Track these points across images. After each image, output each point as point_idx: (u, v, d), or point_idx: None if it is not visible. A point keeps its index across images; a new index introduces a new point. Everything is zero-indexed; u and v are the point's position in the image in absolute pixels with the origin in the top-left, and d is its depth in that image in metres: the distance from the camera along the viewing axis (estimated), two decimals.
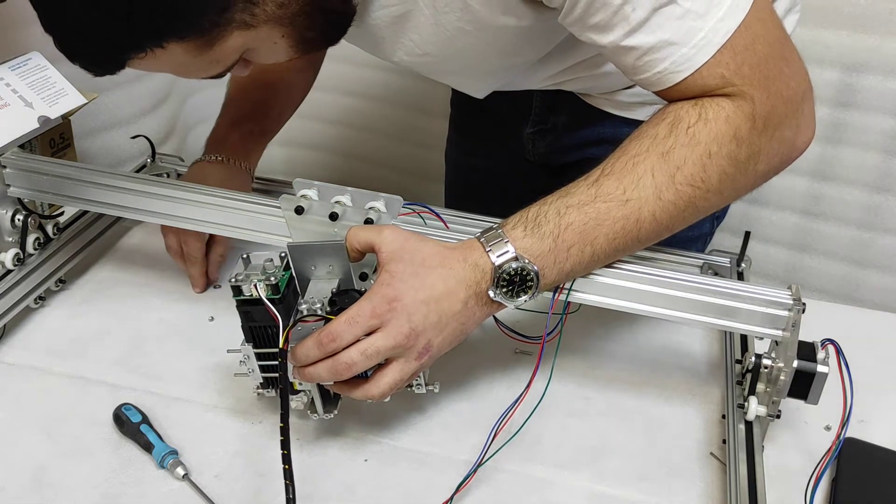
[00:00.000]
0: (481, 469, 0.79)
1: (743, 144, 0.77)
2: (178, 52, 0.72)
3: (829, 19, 1.41)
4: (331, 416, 0.82)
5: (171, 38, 0.71)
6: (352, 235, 0.78)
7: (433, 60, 0.91)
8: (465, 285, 0.76)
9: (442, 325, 0.76)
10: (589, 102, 1.11)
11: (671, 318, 0.82)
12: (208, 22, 0.71)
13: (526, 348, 0.95)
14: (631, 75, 0.80)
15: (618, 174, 0.77)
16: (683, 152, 0.76)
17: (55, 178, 0.96)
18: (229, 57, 0.76)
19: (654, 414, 0.88)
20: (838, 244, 1.60)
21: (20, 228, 0.97)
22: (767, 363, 0.80)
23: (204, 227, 0.93)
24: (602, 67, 1.02)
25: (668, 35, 0.74)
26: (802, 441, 0.85)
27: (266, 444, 0.83)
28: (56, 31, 0.72)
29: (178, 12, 0.69)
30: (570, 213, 0.77)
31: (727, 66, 0.75)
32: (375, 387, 0.76)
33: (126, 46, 0.71)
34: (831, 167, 1.51)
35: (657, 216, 0.77)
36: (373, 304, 0.74)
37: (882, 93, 1.44)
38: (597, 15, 0.75)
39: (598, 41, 0.78)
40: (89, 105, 1.08)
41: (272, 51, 0.79)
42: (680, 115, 0.78)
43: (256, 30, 0.74)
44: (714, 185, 0.77)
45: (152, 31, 0.70)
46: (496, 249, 0.76)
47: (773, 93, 0.77)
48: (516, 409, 0.80)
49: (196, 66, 0.76)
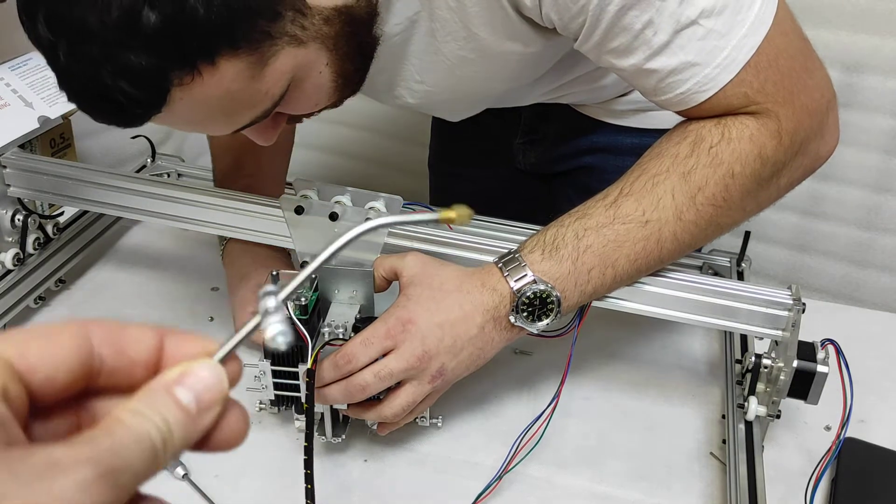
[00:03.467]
0: (481, 469, 0.80)
1: (768, 163, 0.75)
2: (230, 72, 0.63)
3: (829, 19, 1.41)
4: (339, 440, 0.81)
5: (224, 48, 0.61)
6: (378, 263, 0.79)
7: (432, 91, 0.89)
8: (482, 310, 0.75)
9: (457, 348, 0.75)
10: (582, 112, 1.10)
11: (671, 317, 0.81)
12: (261, 30, 0.63)
13: (525, 348, 0.95)
14: (651, 96, 0.78)
15: (637, 194, 0.76)
16: (706, 172, 0.75)
17: (55, 178, 0.95)
18: (278, 84, 0.68)
19: (653, 414, 0.88)
20: (838, 244, 1.60)
21: (20, 228, 0.97)
22: (767, 363, 0.80)
23: (204, 227, 0.93)
24: (600, 81, 1.00)
25: (691, 56, 0.72)
26: (802, 441, 0.85)
27: (266, 444, 0.83)
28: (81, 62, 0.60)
29: (232, 12, 0.60)
30: (588, 235, 0.76)
31: (750, 84, 0.73)
32: (388, 408, 0.76)
33: (172, 63, 0.60)
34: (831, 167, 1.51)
35: (678, 236, 0.76)
36: (387, 325, 0.74)
37: (882, 92, 1.44)
38: (616, 40, 0.73)
39: (618, 64, 0.76)
40: None
41: (316, 84, 0.72)
42: (702, 133, 0.76)
43: (305, 48, 0.67)
44: (736, 203, 0.76)
45: (203, 38, 0.60)
46: (514, 274, 0.75)
47: (798, 107, 0.75)
48: (542, 423, 0.80)
49: (247, 95, 0.66)
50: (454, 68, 0.84)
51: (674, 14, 0.70)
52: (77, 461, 0.29)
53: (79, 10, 0.57)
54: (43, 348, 0.33)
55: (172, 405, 0.33)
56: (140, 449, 0.31)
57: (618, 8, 0.70)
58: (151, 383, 0.34)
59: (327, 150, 2.00)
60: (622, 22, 0.71)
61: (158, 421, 0.32)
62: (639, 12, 0.70)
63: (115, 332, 0.35)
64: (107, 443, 0.30)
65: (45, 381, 0.33)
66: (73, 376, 0.34)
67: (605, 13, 0.71)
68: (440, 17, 0.79)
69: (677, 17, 0.70)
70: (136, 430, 0.31)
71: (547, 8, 0.74)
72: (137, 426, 0.32)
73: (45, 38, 0.60)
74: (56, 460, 0.29)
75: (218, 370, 0.35)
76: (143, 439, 0.31)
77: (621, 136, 1.08)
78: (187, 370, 0.34)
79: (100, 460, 0.29)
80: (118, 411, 0.32)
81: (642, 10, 0.70)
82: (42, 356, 0.33)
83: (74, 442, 0.30)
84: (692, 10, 0.70)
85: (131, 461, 0.31)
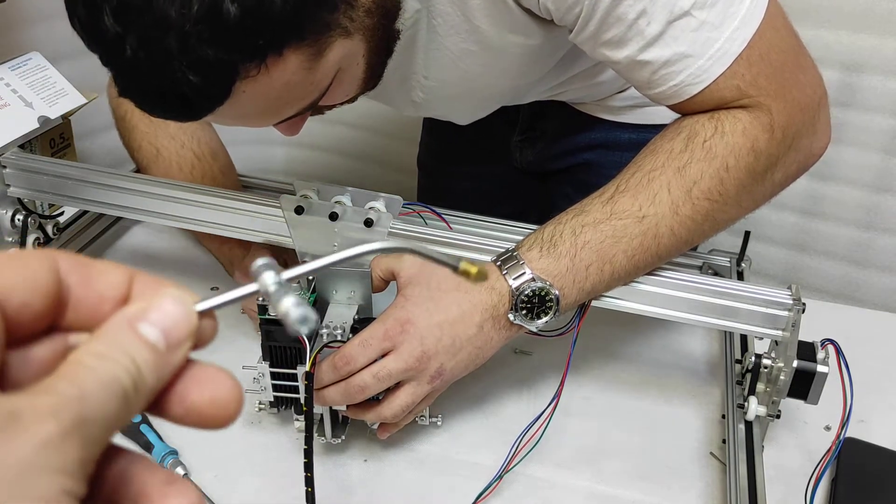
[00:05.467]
0: (481, 469, 0.80)
1: (761, 156, 0.76)
2: (293, 64, 0.64)
3: (829, 19, 1.41)
4: (338, 441, 0.81)
5: (292, 40, 0.62)
6: (375, 264, 0.79)
7: (438, 86, 0.89)
8: (480, 309, 0.75)
9: (455, 348, 0.75)
10: (579, 109, 1.10)
11: (671, 317, 0.81)
12: (323, 21, 0.65)
13: (525, 348, 0.95)
14: (645, 90, 0.79)
15: (633, 190, 0.76)
16: (700, 167, 0.75)
17: (55, 178, 0.95)
18: (328, 75, 0.69)
19: (653, 414, 0.88)
20: (838, 244, 1.60)
21: (20, 228, 0.97)
22: (767, 363, 0.80)
23: (204, 227, 0.93)
24: (597, 77, 1.01)
25: (684, 48, 0.73)
26: (802, 441, 0.85)
27: (266, 444, 0.83)
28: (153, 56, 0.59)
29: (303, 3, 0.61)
30: (585, 231, 0.76)
31: (743, 77, 0.74)
32: (387, 409, 0.76)
33: (244, 56, 0.61)
34: (831, 167, 1.52)
35: (675, 231, 0.76)
36: (386, 326, 0.74)
37: (882, 92, 1.44)
38: (611, 30, 0.74)
39: (612, 57, 0.76)
40: (89, 105, 1.08)
41: (353, 76, 0.73)
42: (696, 128, 0.77)
43: (352, 39, 0.69)
44: (732, 197, 0.76)
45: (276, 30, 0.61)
46: (513, 272, 0.75)
47: (790, 102, 0.76)
48: (543, 423, 0.80)
49: (302, 87, 0.68)
50: (458, 62, 0.84)
51: (667, 5, 0.71)
52: (39, 414, 0.26)
53: (156, 2, 0.57)
54: (16, 272, 0.30)
55: (139, 344, 0.30)
56: (108, 395, 0.28)
57: None
58: (112, 319, 0.30)
59: (327, 150, 2.00)
60: (616, 12, 0.72)
61: (126, 362, 0.29)
62: (633, 2, 0.71)
63: (83, 264, 0.32)
64: (71, 391, 0.27)
65: (21, 307, 0.29)
66: (47, 303, 0.30)
67: (600, 3, 0.72)
68: (442, 12, 0.80)
69: (671, 7, 0.71)
70: (102, 374, 0.28)
71: None
72: (103, 370, 0.28)
73: (111, 32, 0.59)
74: (17, 413, 0.25)
75: (184, 301, 0.32)
76: (110, 384, 0.28)
77: (619, 132, 1.08)
78: (150, 304, 0.31)
79: (65, 412, 0.26)
80: (80, 355, 0.28)
81: (636, 0, 0.71)
82: (16, 280, 0.29)
83: (35, 391, 0.27)
84: (685, 2, 0.71)
85: (100, 410, 0.27)
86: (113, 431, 0.28)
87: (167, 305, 0.31)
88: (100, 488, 0.29)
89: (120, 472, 0.30)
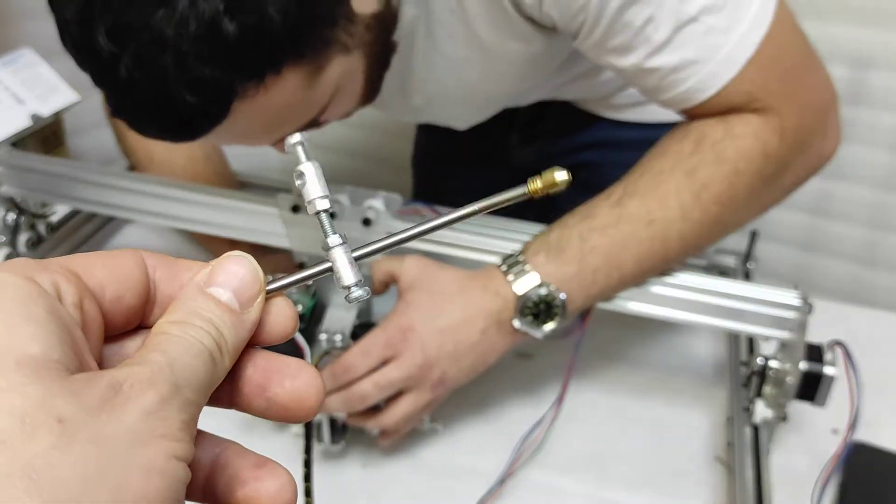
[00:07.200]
0: (482, 474, 0.78)
1: (771, 160, 0.74)
2: (292, 82, 0.63)
3: (837, 14, 1.40)
4: (338, 447, 0.80)
5: (290, 58, 0.61)
6: (375, 267, 0.77)
7: (434, 92, 0.88)
8: (484, 314, 0.74)
9: (458, 355, 0.74)
10: (580, 107, 1.08)
11: (676, 319, 0.80)
12: (322, 38, 0.64)
13: (527, 351, 0.93)
14: (653, 96, 0.77)
15: (641, 194, 0.75)
16: (710, 170, 0.74)
17: (47, 176, 0.94)
18: (327, 93, 0.68)
19: (659, 417, 0.87)
20: (847, 244, 1.58)
21: (12, 228, 0.96)
22: (774, 365, 0.79)
23: (200, 226, 0.91)
24: (599, 76, 1.00)
25: (692, 54, 0.71)
26: (809, 444, 0.84)
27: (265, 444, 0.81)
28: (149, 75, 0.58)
29: (303, 20, 0.60)
30: (593, 236, 0.74)
31: (752, 81, 0.72)
32: (389, 418, 0.75)
33: (242, 74, 0.60)
34: (839, 165, 1.49)
35: (684, 236, 0.75)
36: (387, 333, 0.73)
37: (892, 89, 1.42)
38: (617, 37, 0.72)
39: (619, 63, 0.75)
40: (82, 102, 1.06)
41: (352, 92, 0.72)
42: (705, 131, 0.75)
43: (350, 56, 0.67)
44: (742, 201, 0.75)
45: (275, 48, 0.60)
46: (518, 277, 0.74)
47: (801, 104, 0.75)
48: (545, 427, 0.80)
49: (301, 106, 0.67)
50: (457, 69, 0.83)
51: (674, 10, 0.70)
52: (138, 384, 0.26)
53: (153, 22, 0.56)
54: (108, 267, 0.31)
55: (214, 306, 0.31)
56: (196, 359, 0.29)
57: (619, 4, 0.69)
58: (185, 288, 0.31)
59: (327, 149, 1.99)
60: (623, 18, 0.70)
61: (206, 325, 0.30)
62: (639, 8, 0.69)
63: (168, 260, 0.33)
64: (162, 359, 0.28)
65: (115, 300, 0.31)
66: (139, 298, 0.32)
67: (606, 10, 0.70)
68: (440, 20, 0.78)
69: (678, 13, 0.70)
70: (186, 340, 0.29)
71: (547, 6, 0.73)
72: (187, 336, 0.29)
73: (105, 51, 0.57)
74: (117, 385, 0.26)
75: (248, 261, 0.33)
76: (196, 347, 0.29)
77: (620, 130, 1.07)
78: (216, 268, 0.32)
79: (160, 380, 0.27)
80: (162, 326, 0.30)
81: (643, 6, 0.69)
82: (109, 274, 0.31)
83: (129, 363, 0.27)
84: (692, 7, 0.69)
85: (191, 374, 0.28)
86: (207, 393, 0.29)
87: (232, 266, 0.32)
88: (196, 474, 0.30)
89: (214, 458, 0.31)
